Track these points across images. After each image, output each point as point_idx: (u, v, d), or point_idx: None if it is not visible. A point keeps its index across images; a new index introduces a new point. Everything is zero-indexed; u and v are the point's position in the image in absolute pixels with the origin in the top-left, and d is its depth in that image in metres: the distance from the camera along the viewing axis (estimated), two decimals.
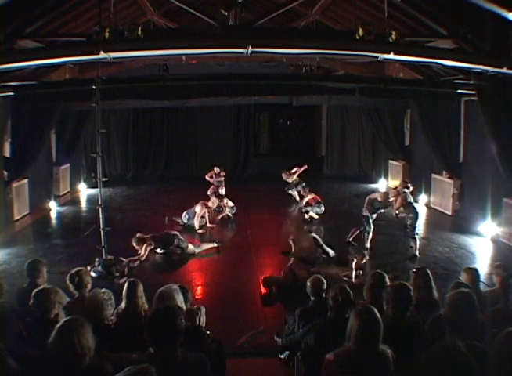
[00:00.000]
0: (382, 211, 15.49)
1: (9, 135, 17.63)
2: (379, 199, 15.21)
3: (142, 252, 14.02)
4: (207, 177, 21.59)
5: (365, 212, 15.12)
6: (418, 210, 14.86)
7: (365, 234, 15.24)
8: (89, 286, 8.08)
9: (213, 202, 18.46)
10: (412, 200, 14.89)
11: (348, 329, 5.29)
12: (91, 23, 14.51)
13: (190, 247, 14.86)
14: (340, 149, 29.73)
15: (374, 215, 15.27)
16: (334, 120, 30.11)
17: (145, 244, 14.14)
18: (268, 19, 12.57)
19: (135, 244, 14.14)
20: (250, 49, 10.05)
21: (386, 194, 15.48)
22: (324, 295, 7.84)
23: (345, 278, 12.63)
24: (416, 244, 14.63)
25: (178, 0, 13.28)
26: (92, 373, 4.79)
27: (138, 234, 14.33)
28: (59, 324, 5.04)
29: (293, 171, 21.62)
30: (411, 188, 15.04)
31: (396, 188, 15.41)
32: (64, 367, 4.78)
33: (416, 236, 14.74)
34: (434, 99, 18.87)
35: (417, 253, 14.58)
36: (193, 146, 29.93)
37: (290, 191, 21.75)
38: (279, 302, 11.68)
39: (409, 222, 14.72)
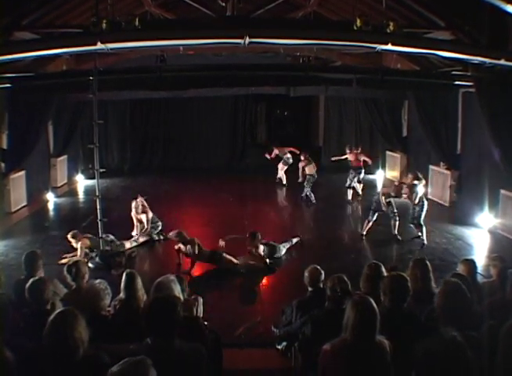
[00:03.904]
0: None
1: (6, 127, 17.61)
2: (392, 193, 15.35)
3: (79, 253, 13.39)
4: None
5: (383, 207, 15.29)
6: (426, 204, 14.97)
7: (393, 222, 15.49)
8: (87, 277, 8.08)
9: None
10: (421, 193, 15.02)
11: (345, 320, 5.30)
12: (88, 15, 14.48)
13: (127, 245, 14.57)
14: (338, 139, 29.69)
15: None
16: (332, 111, 30.11)
17: (80, 243, 13.62)
18: (266, 10, 12.58)
19: (70, 239, 13.56)
20: (247, 40, 10.04)
21: (398, 186, 15.53)
22: (322, 286, 7.85)
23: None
24: (422, 233, 14.96)
25: None
26: (88, 364, 4.80)
27: (74, 231, 13.73)
28: (51, 317, 5.04)
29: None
30: (423, 181, 15.13)
31: (406, 181, 15.47)
32: (58, 359, 4.79)
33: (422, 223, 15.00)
34: (431, 90, 18.91)
35: (425, 241, 14.94)
36: (190, 136, 29.88)
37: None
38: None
39: (416, 214, 14.96)
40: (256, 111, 32.79)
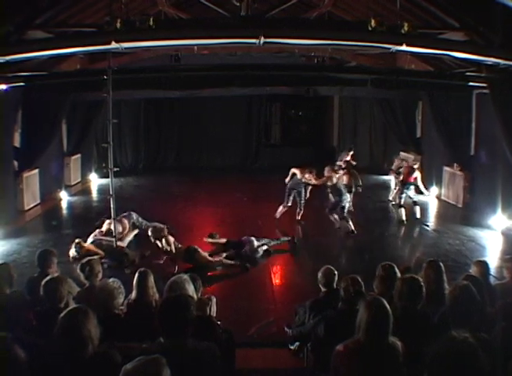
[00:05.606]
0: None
1: (20, 126, 17.67)
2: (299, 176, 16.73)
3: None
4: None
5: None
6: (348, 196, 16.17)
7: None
8: (100, 275, 8.11)
9: None
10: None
11: (358, 320, 5.30)
12: (102, 14, 14.53)
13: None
14: (352, 140, 29.64)
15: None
16: (346, 111, 30.19)
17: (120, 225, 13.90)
18: (281, 10, 12.57)
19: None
20: (262, 40, 10.05)
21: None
22: (335, 287, 7.84)
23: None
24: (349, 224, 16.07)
25: None
26: (98, 362, 4.81)
27: (77, 239, 13.72)
28: (62, 314, 5.06)
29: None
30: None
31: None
32: (68, 356, 4.80)
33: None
34: (445, 91, 18.84)
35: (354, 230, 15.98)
36: (204, 136, 29.79)
37: None
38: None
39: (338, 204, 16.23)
40: (270, 111, 32.70)
